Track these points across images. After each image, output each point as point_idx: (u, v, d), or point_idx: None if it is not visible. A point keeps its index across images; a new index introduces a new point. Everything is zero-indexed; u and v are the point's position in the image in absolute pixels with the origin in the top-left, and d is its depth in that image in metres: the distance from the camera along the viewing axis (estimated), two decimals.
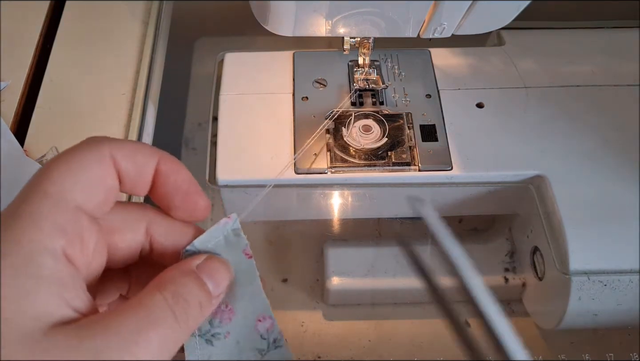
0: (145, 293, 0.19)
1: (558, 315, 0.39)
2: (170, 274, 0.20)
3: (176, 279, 0.20)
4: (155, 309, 0.18)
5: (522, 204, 0.44)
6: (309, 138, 0.41)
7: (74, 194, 0.18)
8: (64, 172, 0.19)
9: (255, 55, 0.47)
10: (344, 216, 0.48)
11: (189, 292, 0.19)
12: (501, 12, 0.35)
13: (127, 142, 0.21)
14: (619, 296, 0.38)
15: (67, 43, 0.46)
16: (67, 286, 0.17)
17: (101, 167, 0.20)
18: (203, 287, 0.20)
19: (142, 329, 0.17)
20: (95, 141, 0.20)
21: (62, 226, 0.18)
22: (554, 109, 0.44)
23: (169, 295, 0.19)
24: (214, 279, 0.21)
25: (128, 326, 0.17)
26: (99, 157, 0.20)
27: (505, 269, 0.46)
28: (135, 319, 0.18)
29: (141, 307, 0.18)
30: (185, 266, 0.20)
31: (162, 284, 0.19)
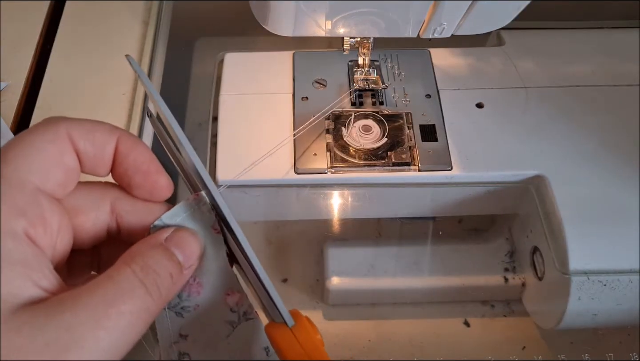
0: (114, 268, 0.19)
1: (558, 314, 0.39)
2: (138, 248, 0.20)
3: (144, 252, 0.19)
4: (125, 282, 0.18)
5: (521, 204, 0.44)
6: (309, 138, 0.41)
7: (32, 176, 0.18)
8: (19, 153, 0.18)
9: (255, 55, 0.47)
10: (344, 216, 0.48)
11: (157, 263, 0.19)
12: (501, 12, 0.35)
13: (85, 121, 0.20)
14: (619, 296, 0.38)
15: (67, 43, 0.46)
16: (32, 267, 0.17)
17: (57, 146, 0.19)
18: (172, 258, 0.20)
19: (113, 302, 0.17)
20: (51, 121, 0.20)
21: (21, 207, 0.17)
22: (553, 109, 0.44)
23: (137, 268, 0.18)
24: (184, 250, 0.20)
25: (97, 300, 0.17)
26: (54, 137, 0.19)
27: (505, 269, 0.46)
28: (104, 293, 0.17)
29: (110, 281, 0.18)
30: (153, 240, 0.20)
31: (131, 258, 0.19)
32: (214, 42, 0.59)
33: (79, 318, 0.16)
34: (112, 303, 0.17)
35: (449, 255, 0.47)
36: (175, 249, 0.20)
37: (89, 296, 0.17)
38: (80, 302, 0.17)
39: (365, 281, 0.46)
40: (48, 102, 0.42)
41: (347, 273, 0.46)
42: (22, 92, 0.43)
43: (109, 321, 0.17)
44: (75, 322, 0.16)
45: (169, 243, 0.20)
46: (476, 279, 0.45)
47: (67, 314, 0.16)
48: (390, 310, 0.46)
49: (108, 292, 0.17)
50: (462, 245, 0.47)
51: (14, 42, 0.45)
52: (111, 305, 0.17)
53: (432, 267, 0.46)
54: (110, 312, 0.17)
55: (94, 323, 0.16)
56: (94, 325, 0.16)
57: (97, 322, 0.16)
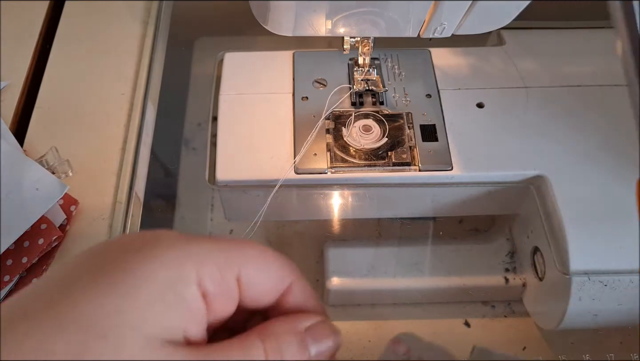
0: (249, 335, 0.20)
1: (558, 315, 0.39)
2: (278, 327, 0.20)
3: (282, 335, 0.20)
4: (253, 355, 0.19)
5: (522, 205, 0.44)
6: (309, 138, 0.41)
7: (246, 271, 0.20)
8: (251, 255, 0.20)
9: (255, 55, 0.47)
10: (344, 216, 0.48)
11: (288, 351, 0.20)
12: (501, 12, 0.35)
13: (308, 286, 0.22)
14: (620, 296, 0.38)
15: (66, 43, 0.46)
16: (196, 317, 0.19)
17: (279, 280, 0.21)
18: (304, 352, 0.20)
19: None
20: (287, 261, 0.21)
21: (218, 278, 0.19)
22: (554, 109, 0.44)
23: (269, 347, 0.19)
24: (320, 346, 0.21)
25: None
26: (283, 274, 0.21)
27: (505, 269, 0.46)
28: (235, 357, 0.19)
29: (242, 349, 0.19)
30: (295, 324, 0.20)
31: (267, 334, 0.20)
32: (214, 41, 0.59)
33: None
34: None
35: (449, 255, 0.47)
36: (312, 343, 0.20)
37: (222, 356, 0.19)
38: (212, 358, 0.18)
39: (365, 282, 0.46)
40: (47, 101, 0.42)
41: (347, 273, 0.46)
42: (21, 91, 0.43)
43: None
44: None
45: (308, 334, 0.20)
46: (477, 280, 0.45)
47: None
48: (390, 310, 0.46)
49: (235, 357, 0.19)
50: (462, 245, 0.47)
51: (14, 42, 0.45)
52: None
53: (433, 267, 0.46)
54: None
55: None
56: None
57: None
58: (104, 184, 0.38)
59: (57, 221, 0.35)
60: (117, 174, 0.39)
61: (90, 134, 0.41)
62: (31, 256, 0.34)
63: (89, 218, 0.37)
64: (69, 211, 0.36)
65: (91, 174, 0.39)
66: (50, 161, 0.38)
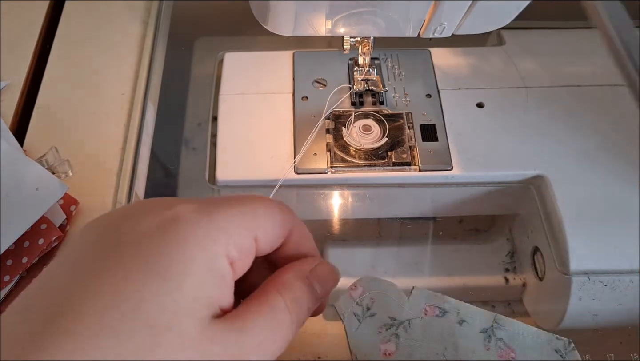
0: (268, 293, 0.21)
1: (558, 315, 0.39)
2: (288, 278, 0.22)
3: (293, 283, 0.22)
4: (280, 313, 0.21)
5: (522, 204, 0.44)
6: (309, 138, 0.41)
7: (260, 228, 0.21)
8: (261, 210, 0.21)
9: (255, 55, 0.47)
10: (344, 216, 0.48)
11: (303, 298, 0.22)
12: (501, 12, 0.35)
13: (305, 227, 0.24)
14: (620, 296, 0.38)
15: (66, 43, 0.46)
16: (228, 286, 0.20)
17: (284, 227, 0.22)
18: (314, 293, 0.22)
19: (272, 331, 0.20)
20: (286, 207, 0.23)
21: (241, 244, 0.20)
22: (554, 109, 0.44)
23: (288, 300, 0.21)
24: (323, 285, 0.23)
25: (262, 326, 0.20)
26: (286, 221, 0.22)
27: (505, 269, 0.46)
28: (267, 321, 0.20)
29: (269, 309, 0.20)
30: (301, 272, 0.23)
31: (282, 286, 0.21)
32: (214, 41, 0.59)
33: (251, 343, 0.19)
34: (272, 331, 0.20)
35: (449, 255, 0.47)
36: (317, 284, 0.23)
37: (256, 321, 0.20)
38: (250, 325, 0.19)
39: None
40: (47, 102, 0.42)
41: (347, 274, 0.45)
42: (21, 91, 0.43)
43: (270, 346, 0.20)
44: (248, 346, 0.19)
45: (312, 277, 0.23)
46: (477, 280, 0.45)
47: (240, 333, 0.19)
48: None
49: (269, 320, 0.20)
50: (462, 245, 0.47)
51: (14, 42, 0.45)
52: (270, 333, 0.20)
53: (433, 267, 0.46)
54: (270, 339, 0.20)
55: (257, 347, 0.19)
56: (257, 349, 0.19)
57: (259, 346, 0.19)
58: (104, 184, 0.38)
59: (57, 221, 0.35)
60: (117, 174, 0.39)
61: (90, 134, 0.41)
62: (31, 256, 0.34)
63: (89, 218, 0.37)
64: (69, 211, 0.36)
65: (91, 174, 0.39)
66: (50, 161, 0.38)
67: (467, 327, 0.34)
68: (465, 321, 0.34)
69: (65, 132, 0.41)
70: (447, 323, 0.34)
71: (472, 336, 0.33)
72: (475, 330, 0.34)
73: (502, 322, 0.34)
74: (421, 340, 0.33)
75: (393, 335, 0.34)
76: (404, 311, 0.35)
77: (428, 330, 0.34)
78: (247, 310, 0.20)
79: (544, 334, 0.33)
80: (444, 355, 0.33)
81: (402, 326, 0.34)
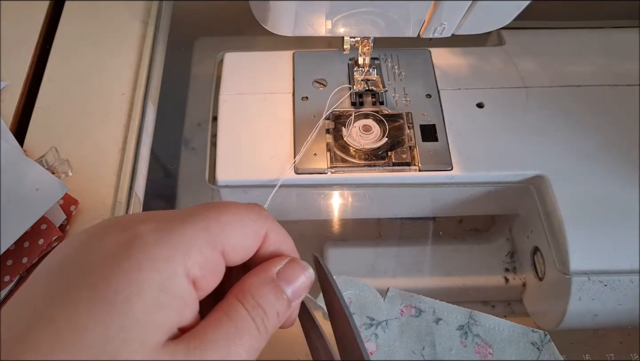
0: (229, 304, 0.20)
1: (558, 315, 0.39)
2: (250, 283, 0.21)
3: (256, 289, 0.21)
4: (240, 322, 0.20)
5: (522, 204, 0.44)
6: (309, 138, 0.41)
7: (227, 240, 0.20)
8: (228, 222, 0.20)
9: (255, 55, 0.47)
10: (344, 216, 0.48)
11: (268, 303, 0.20)
12: (501, 12, 0.35)
13: (282, 229, 0.23)
14: (619, 296, 0.38)
15: (66, 43, 0.46)
16: (189, 306, 0.19)
17: (257, 233, 0.21)
18: (281, 296, 0.21)
19: (232, 342, 0.19)
20: (259, 210, 0.22)
21: (204, 261, 0.19)
22: (554, 109, 0.44)
23: (249, 307, 0.20)
24: (294, 286, 0.22)
25: (220, 340, 0.19)
26: (259, 227, 0.21)
27: (505, 269, 0.46)
28: (226, 333, 0.19)
29: (228, 320, 0.19)
30: (265, 274, 0.21)
31: (243, 295, 0.20)
32: (214, 41, 0.59)
33: (209, 358, 0.18)
34: (232, 343, 0.19)
35: (449, 255, 0.47)
36: (286, 286, 0.21)
37: (215, 335, 0.19)
38: (209, 342, 0.19)
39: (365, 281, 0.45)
40: (47, 102, 0.42)
41: (347, 274, 0.45)
42: (21, 91, 0.43)
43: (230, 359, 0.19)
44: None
45: (280, 279, 0.21)
46: (477, 280, 0.45)
47: (197, 352, 0.18)
48: None
49: (229, 332, 0.19)
50: (462, 245, 0.47)
51: (14, 42, 0.45)
52: (230, 346, 0.19)
53: (433, 267, 0.46)
54: (230, 352, 0.19)
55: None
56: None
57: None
58: (104, 184, 0.38)
59: (57, 221, 0.35)
60: (117, 174, 0.39)
61: (90, 134, 0.41)
62: (31, 256, 0.34)
63: (89, 218, 0.37)
64: (69, 211, 0.36)
65: (91, 174, 0.39)
66: (50, 161, 0.38)
67: (444, 325, 0.34)
68: (441, 320, 0.34)
69: (65, 132, 0.41)
70: (424, 322, 0.34)
71: (448, 334, 0.34)
72: (452, 327, 0.34)
73: (477, 318, 0.34)
74: (399, 340, 0.34)
75: (373, 335, 0.34)
76: (382, 312, 0.35)
77: (405, 330, 0.34)
78: (206, 325, 0.19)
79: (519, 328, 0.33)
80: (422, 354, 0.33)
81: (381, 326, 0.34)
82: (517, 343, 0.33)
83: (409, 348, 0.33)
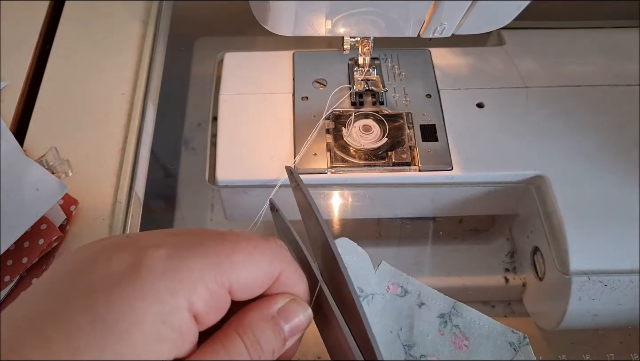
0: (227, 335, 0.20)
1: (558, 315, 0.39)
2: (251, 318, 0.21)
3: (256, 324, 0.20)
4: (237, 355, 0.19)
5: (522, 204, 0.44)
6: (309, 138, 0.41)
7: (236, 279, 0.20)
8: (240, 260, 0.20)
9: (255, 55, 0.47)
10: (344, 216, 0.48)
11: (266, 340, 0.20)
12: (501, 12, 0.35)
13: (297, 270, 0.22)
14: (620, 296, 0.38)
15: (66, 43, 0.46)
16: (188, 339, 0.19)
17: (269, 275, 0.21)
18: (279, 335, 0.21)
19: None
20: (276, 250, 0.22)
21: (209, 297, 0.19)
22: (554, 109, 0.44)
23: (248, 342, 0.20)
24: (292, 325, 0.22)
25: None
26: (273, 269, 0.21)
27: (505, 269, 0.46)
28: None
29: (225, 352, 0.19)
30: (266, 311, 0.21)
31: (242, 329, 0.20)
32: (214, 41, 0.59)
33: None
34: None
35: (449, 255, 0.47)
36: (285, 323, 0.21)
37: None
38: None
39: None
40: (47, 102, 0.42)
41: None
42: (21, 91, 0.43)
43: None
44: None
45: (279, 317, 0.21)
46: (477, 280, 0.45)
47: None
48: None
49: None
50: (462, 245, 0.47)
51: (14, 42, 0.45)
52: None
53: (433, 267, 0.46)
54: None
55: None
56: None
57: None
58: (104, 184, 0.38)
59: (57, 221, 0.35)
60: (117, 174, 0.39)
61: (90, 134, 0.41)
62: (31, 256, 0.34)
63: (89, 218, 0.37)
64: (69, 211, 0.36)
65: (91, 174, 0.39)
66: (50, 161, 0.38)
67: (426, 310, 0.34)
68: (424, 305, 0.34)
69: (65, 132, 0.41)
70: (407, 303, 0.34)
71: (428, 319, 0.34)
72: (433, 313, 0.34)
73: (460, 309, 0.34)
74: (379, 316, 0.34)
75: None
76: (370, 285, 0.35)
77: (387, 307, 0.34)
78: (203, 355, 0.19)
79: (500, 326, 0.34)
80: (397, 334, 0.33)
81: (367, 300, 0.34)
82: (495, 340, 0.33)
83: (386, 326, 0.33)
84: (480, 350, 0.33)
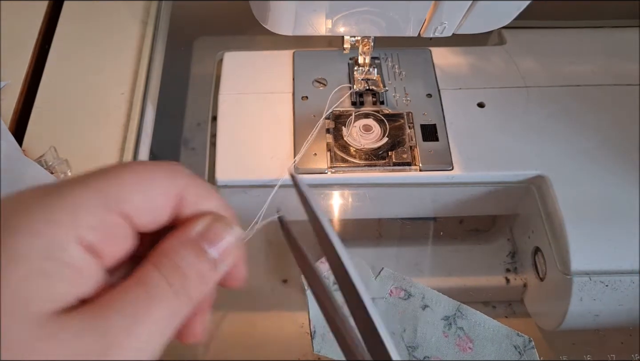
0: (143, 269, 0.18)
1: (559, 315, 0.39)
2: (168, 245, 0.19)
3: (173, 251, 0.18)
4: (153, 288, 0.18)
5: (523, 205, 0.44)
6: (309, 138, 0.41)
7: (128, 201, 0.18)
8: (127, 181, 0.18)
9: (254, 54, 0.47)
10: (344, 216, 0.47)
11: (186, 264, 0.18)
12: (502, 11, 0.35)
13: (203, 185, 0.20)
14: (620, 296, 0.38)
15: (65, 43, 0.46)
16: (86, 274, 0.17)
17: (166, 193, 0.19)
18: (202, 257, 0.19)
19: (143, 309, 0.17)
20: (171, 167, 0.19)
21: (99, 225, 0.17)
22: (555, 108, 0.43)
23: (165, 270, 0.18)
24: (218, 247, 0.19)
25: (128, 307, 0.17)
26: (168, 184, 0.19)
27: (506, 269, 0.46)
28: (135, 299, 0.17)
29: (139, 285, 0.18)
30: (184, 235, 0.19)
31: (158, 258, 0.18)
32: (213, 41, 0.59)
33: (112, 325, 0.17)
34: (142, 310, 0.17)
35: (450, 256, 0.46)
36: (209, 247, 0.19)
37: (121, 302, 0.17)
38: (113, 309, 0.17)
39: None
40: (46, 101, 0.42)
41: None
42: (20, 91, 0.43)
43: (140, 328, 0.17)
44: (109, 329, 0.17)
45: (201, 239, 0.19)
46: (477, 280, 0.45)
47: (101, 321, 0.17)
48: None
49: (138, 298, 0.17)
50: (463, 246, 0.47)
51: (13, 42, 0.45)
52: (141, 312, 0.17)
53: (433, 268, 0.46)
54: (141, 319, 0.17)
55: (125, 330, 0.17)
56: (125, 332, 0.17)
57: (128, 329, 0.17)
58: None
59: None
60: None
61: (89, 134, 0.40)
62: None
63: None
64: None
65: None
66: (49, 161, 0.38)
67: (430, 312, 0.34)
68: (428, 307, 0.34)
69: (64, 132, 0.41)
70: (411, 306, 0.34)
71: (433, 321, 0.34)
72: (437, 316, 0.34)
73: (465, 312, 0.34)
74: (382, 318, 0.33)
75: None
76: (369, 290, 0.34)
77: (390, 310, 0.34)
78: (113, 293, 0.17)
79: (505, 329, 0.33)
80: (401, 335, 0.33)
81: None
82: (500, 343, 0.33)
83: (389, 328, 0.33)
84: (484, 353, 0.33)
